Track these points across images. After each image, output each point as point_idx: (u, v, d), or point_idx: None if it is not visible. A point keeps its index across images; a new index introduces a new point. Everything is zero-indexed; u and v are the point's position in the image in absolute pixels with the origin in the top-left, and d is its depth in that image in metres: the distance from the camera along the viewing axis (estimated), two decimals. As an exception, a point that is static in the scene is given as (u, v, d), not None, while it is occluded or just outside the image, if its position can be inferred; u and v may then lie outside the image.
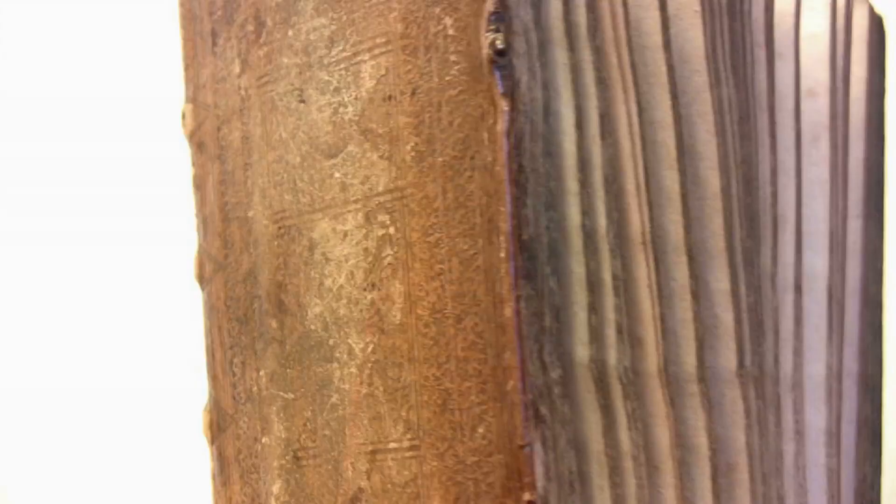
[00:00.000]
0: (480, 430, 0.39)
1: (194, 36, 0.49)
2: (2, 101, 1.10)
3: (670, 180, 0.42)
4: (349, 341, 0.42)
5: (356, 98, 0.42)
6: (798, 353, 0.47)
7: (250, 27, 0.46)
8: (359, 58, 0.42)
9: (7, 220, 1.10)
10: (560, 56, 0.39)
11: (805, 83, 0.48)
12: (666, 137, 0.42)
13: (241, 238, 0.47)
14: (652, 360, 0.41)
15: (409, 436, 0.40)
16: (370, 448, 0.42)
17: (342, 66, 0.43)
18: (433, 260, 0.40)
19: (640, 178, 0.41)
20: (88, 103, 1.08)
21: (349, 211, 0.42)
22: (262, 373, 0.46)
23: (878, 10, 0.50)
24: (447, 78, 0.39)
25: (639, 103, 0.42)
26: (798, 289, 0.47)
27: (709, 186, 0.43)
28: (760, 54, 0.45)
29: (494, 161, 0.38)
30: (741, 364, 0.43)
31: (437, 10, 0.39)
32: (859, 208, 0.50)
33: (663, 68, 0.41)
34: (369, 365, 0.42)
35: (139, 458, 0.97)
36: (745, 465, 0.44)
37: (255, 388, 0.46)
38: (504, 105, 0.38)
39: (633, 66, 0.41)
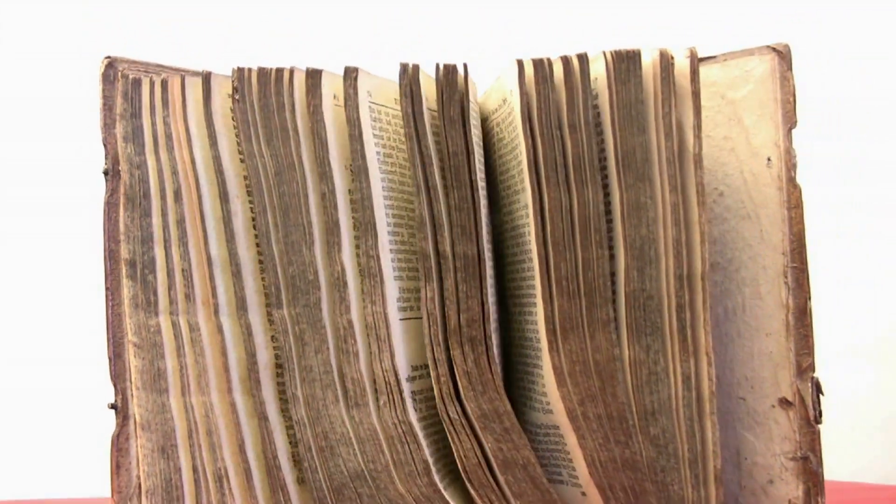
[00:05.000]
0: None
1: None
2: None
3: (217, 214, 0.72)
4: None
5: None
6: (372, 297, 0.70)
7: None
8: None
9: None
10: (151, 170, 0.73)
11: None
12: (216, 194, 0.72)
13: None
14: (205, 309, 0.71)
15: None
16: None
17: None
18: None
19: (196, 215, 0.72)
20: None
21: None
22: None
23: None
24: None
25: (198, 183, 0.72)
26: (384, 249, 0.70)
27: (239, 216, 0.71)
28: (304, 135, 0.71)
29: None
30: (277, 306, 0.70)
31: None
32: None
33: (212, 164, 0.72)
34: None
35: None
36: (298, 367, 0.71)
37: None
38: (105, 192, 0.74)
39: (195, 164, 0.72)
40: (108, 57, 0.74)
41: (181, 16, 1.26)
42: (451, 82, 0.70)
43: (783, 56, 0.75)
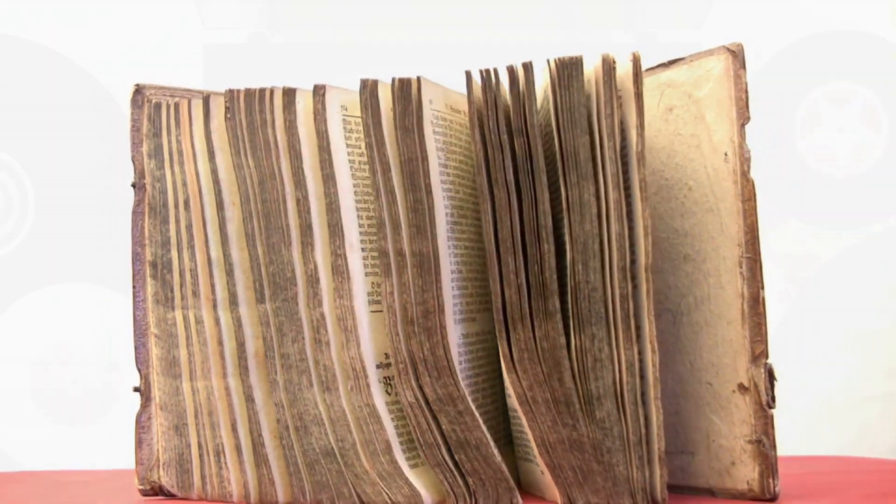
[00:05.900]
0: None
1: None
2: None
3: (215, 221, 0.80)
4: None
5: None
6: (341, 292, 0.77)
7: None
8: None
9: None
10: (168, 183, 0.83)
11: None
12: (214, 202, 0.81)
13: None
14: (207, 304, 0.80)
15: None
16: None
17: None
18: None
19: (199, 221, 0.81)
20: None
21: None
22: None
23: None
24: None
25: (201, 193, 0.81)
26: (353, 249, 0.77)
27: (233, 221, 0.80)
28: (283, 147, 0.79)
29: (138, 231, 0.84)
30: (260, 300, 0.78)
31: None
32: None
33: (210, 176, 0.81)
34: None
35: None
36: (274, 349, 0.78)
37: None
38: (133, 202, 0.84)
39: (198, 176, 0.81)
40: (137, 84, 0.84)
41: (181, 15, 1.33)
42: (406, 95, 0.76)
43: (736, 56, 0.77)
